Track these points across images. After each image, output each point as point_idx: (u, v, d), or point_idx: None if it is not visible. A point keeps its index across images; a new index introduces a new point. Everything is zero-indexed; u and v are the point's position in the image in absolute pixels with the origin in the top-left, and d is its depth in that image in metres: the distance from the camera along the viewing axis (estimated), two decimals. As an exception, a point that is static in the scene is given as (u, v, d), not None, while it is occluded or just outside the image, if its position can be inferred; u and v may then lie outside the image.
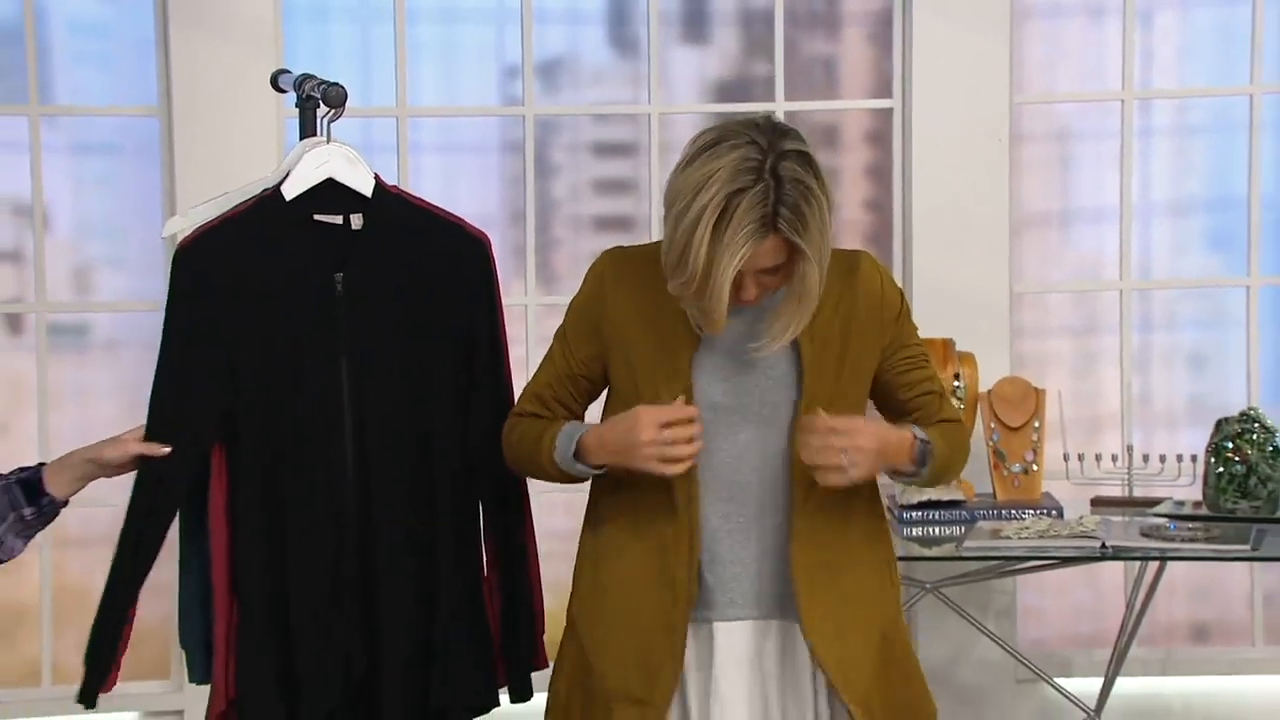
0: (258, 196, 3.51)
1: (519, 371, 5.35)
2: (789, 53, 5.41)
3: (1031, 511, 4.87)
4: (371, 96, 5.35)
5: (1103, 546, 4.53)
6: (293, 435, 3.44)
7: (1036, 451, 5.03)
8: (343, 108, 3.51)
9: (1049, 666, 5.25)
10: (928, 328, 5.10)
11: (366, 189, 3.50)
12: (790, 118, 5.29)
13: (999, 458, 5.01)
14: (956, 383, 5.01)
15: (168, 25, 5.20)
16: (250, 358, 3.43)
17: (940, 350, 5.02)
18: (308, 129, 3.57)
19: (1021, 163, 5.46)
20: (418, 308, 3.50)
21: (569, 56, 5.51)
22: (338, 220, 3.50)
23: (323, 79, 3.56)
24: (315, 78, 3.57)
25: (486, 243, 3.56)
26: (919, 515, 4.79)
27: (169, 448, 3.40)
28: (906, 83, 5.35)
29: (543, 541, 3.60)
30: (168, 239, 3.44)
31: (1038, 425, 5.04)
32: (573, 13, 5.47)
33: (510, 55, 5.43)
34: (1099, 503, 5.04)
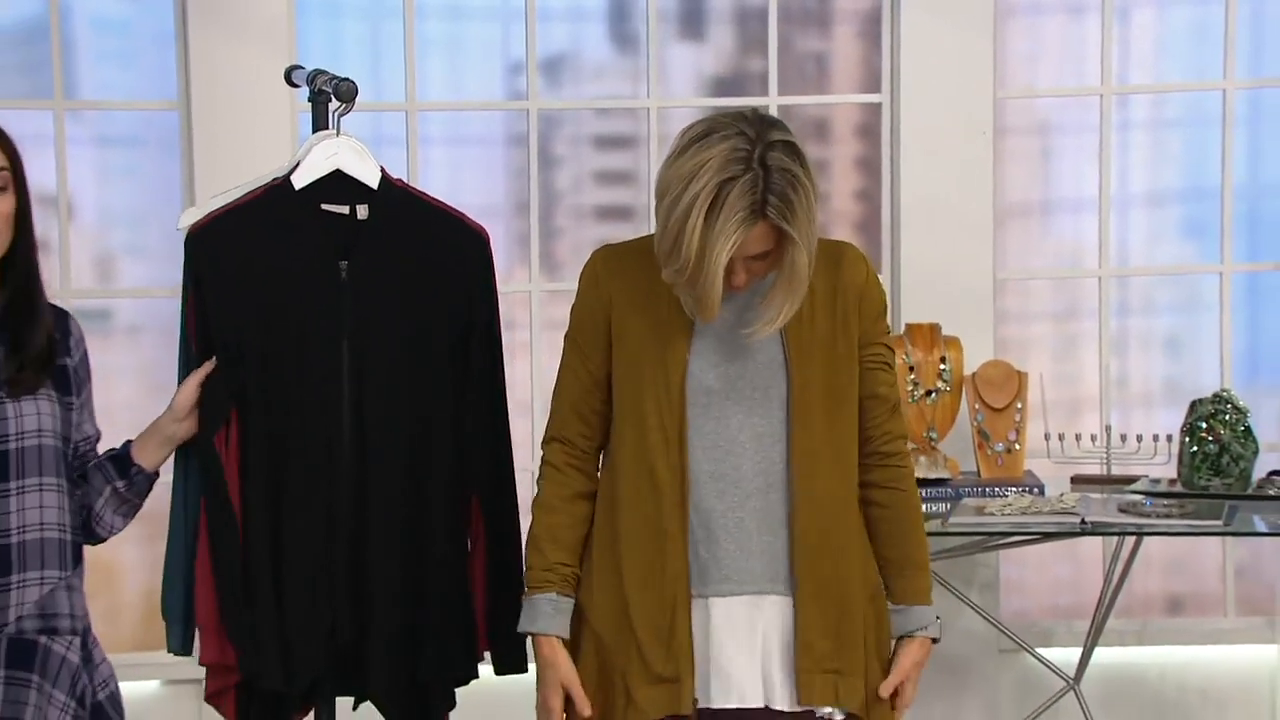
0: (267, 185, 3.52)
1: (522, 355, 5.46)
2: (782, 49, 5.41)
3: (1014, 489, 4.90)
4: (382, 91, 5.36)
5: (1082, 522, 4.56)
6: (294, 415, 3.47)
7: (1019, 431, 5.06)
8: (354, 102, 3.54)
9: (1030, 637, 5.29)
10: (915, 313, 5.16)
11: (373, 181, 3.53)
12: (783, 112, 5.31)
13: (983, 438, 5.04)
14: (942, 366, 5.03)
15: (187, 23, 5.20)
16: (256, 339, 3.45)
17: (927, 334, 5.07)
18: (320, 123, 3.60)
19: (1005, 155, 5.46)
20: (419, 297, 3.52)
21: (571, 53, 5.50)
22: (344, 210, 3.52)
23: (335, 74, 3.58)
24: (327, 73, 3.60)
25: (486, 237, 3.59)
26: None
27: (212, 363, 3.45)
28: (895, 78, 5.35)
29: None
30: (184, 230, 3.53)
31: (1020, 406, 5.07)
32: (575, 10, 5.46)
33: (515, 52, 5.43)
34: (1079, 480, 5.07)
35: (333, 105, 3.58)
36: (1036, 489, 4.92)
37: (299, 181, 3.51)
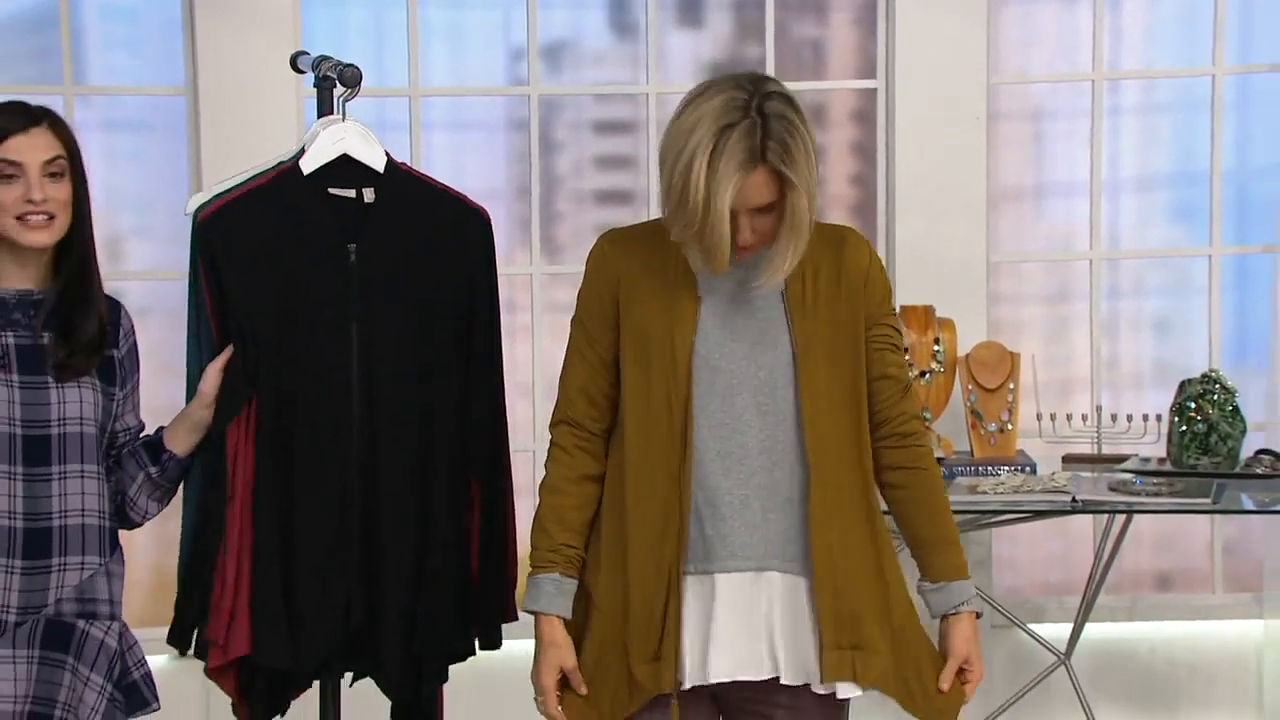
0: (275, 171, 3.52)
1: (523, 338, 5.51)
2: (779, 36, 5.44)
3: (1006, 468, 4.94)
4: (385, 77, 5.37)
5: (1073, 500, 4.59)
6: (304, 396, 3.47)
7: (1011, 411, 5.09)
8: (358, 88, 3.56)
9: (1022, 613, 5.32)
10: (910, 295, 5.18)
11: (379, 165, 3.54)
12: (780, 98, 5.45)
13: (976, 417, 5.07)
14: (936, 347, 5.06)
15: (193, 9, 5.22)
16: (265, 322, 3.45)
17: (921, 316, 5.10)
18: (325, 108, 3.60)
19: (998, 140, 5.48)
20: (424, 277, 3.53)
21: (572, 39, 5.52)
22: (351, 194, 3.53)
23: (339, 60, 3.59)
24: (332, 59, 3.60)
25: (487, 217, 3.60)
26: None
27: (231, 350, 3.43)
28: (890, 64, 5.39)
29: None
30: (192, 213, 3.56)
31: (1013, 387, 5.09)
32: (575, -3, 5.51)
33: (516, 38, 5.45)
34: (1070, 459, 5.11)
35: (337, 91, 3.59)
36: (1028, 468, 4.95)
37: (308, 166, 3.52)
